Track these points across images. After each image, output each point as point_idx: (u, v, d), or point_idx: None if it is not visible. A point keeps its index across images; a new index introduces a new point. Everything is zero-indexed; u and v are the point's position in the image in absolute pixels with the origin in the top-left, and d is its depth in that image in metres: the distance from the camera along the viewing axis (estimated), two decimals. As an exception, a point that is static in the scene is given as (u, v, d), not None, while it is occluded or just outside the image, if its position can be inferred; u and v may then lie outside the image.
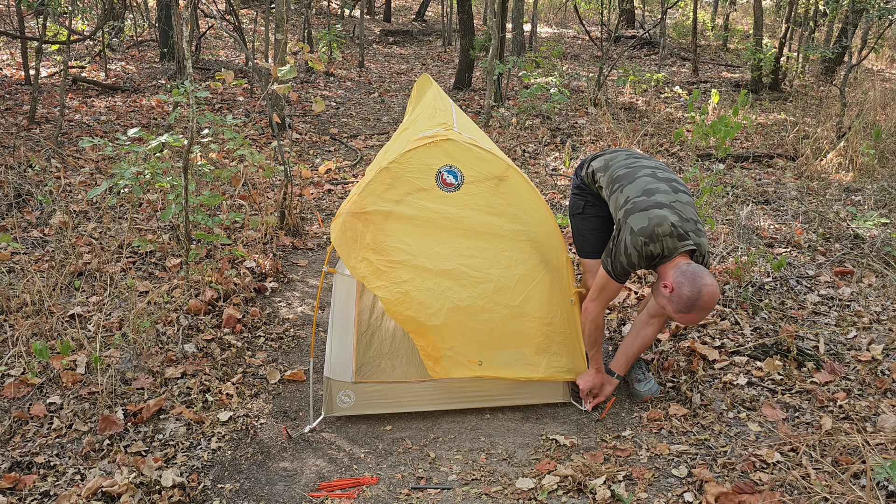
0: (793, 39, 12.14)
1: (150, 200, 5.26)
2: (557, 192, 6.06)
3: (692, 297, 2.62)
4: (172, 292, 3.95)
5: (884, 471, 2.45)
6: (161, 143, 3.87)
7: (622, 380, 3.26)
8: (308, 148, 7.44)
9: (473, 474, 2.75)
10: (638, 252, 2.73)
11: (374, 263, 2.85)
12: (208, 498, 2.61)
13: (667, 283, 2.71)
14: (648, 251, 2.73)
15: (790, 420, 3.01)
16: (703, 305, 2.63)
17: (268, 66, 4.12)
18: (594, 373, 3.13)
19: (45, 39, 7.55)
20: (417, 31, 16.29)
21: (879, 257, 4.60)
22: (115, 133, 6.81)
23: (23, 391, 3.11)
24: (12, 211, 4.90)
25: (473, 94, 10.26)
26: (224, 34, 13.42)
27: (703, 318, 2.82)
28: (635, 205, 2.80)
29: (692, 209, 2.84)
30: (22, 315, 3.61)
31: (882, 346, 3.50)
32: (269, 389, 3.32)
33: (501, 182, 2.93)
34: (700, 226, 2.81)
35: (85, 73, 9.98)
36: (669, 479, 2.70)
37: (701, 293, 2.61)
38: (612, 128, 7.94)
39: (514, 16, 11.98)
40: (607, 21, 14.37)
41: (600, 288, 2.96)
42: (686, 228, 2.74)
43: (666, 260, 2.74)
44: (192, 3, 4.25)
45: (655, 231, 2.70)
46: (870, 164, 6.62)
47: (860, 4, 8.19)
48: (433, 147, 2.88)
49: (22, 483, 2.60)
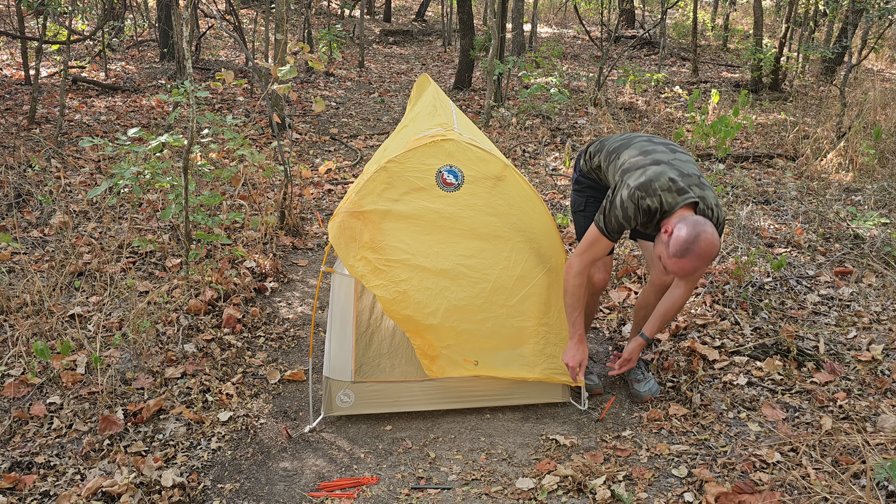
0: (793, 39, 12.14)
1: (150, 200, 5.26)
2: (557, 192, 6.06)
3: (689, 239, 2.50)
4: (172, 292, 3.95)
5: (884, 471, 2.45)
6: (161, 143, 3.87)
7: (649, 342, 3.10)
8: (308, 148, 7.44)
9: (473, 474, 2.75)
10: (634, 205, 2.63)
11: (373, 262, 2.85)
12: (208, 498, 2.61)
13: (667, 228, 2.60)
14: (645, 205, 2.63)
15: (790, 420, 3.01)
16: (699, 252, 2.50)
17: (268, 66, 4.12)
18: (576, 344, 2.95)
19: (45, 39, 7.55)
20: (417, 31, 16.29)
21: (879, 257, 4.60)
22: (115, 133, 6.81)
23: (23, 391, 3.11)
24: (12, 211, 4.90)
25: (473, 94, 10.26)
26: (224, 34, 13.42)
27: (698, 271, 2.63)
28: (632, 164, 2.73)
29: (693, 166, 2.75)
30: (22, 315, 3.61)
31: (882, 346, 3.50)
32: (269, 389, 3.32)
33: (499, 182, 2.93)
34: (704, 180, 2.70)
35: (85, 73, 9.98)
36: (669, 479, 2.70)
37: (699, 238, 2.50)
38: (612, 128, 7.94)
39: (514, 16, 11.98)
40: (607, 21, 14.37)
41: (589, 243, 2.81)
42: (687, 182, 2.64)
43: (667, 215, 2.64)
44: (192, 3, 4.25)
45: (652, 185, 2.62)
46: (870, 164, 6.62)
47: (860, 4, 8.19)
48: (434, 147, 2.88)
49: (22, 483, 2.60)
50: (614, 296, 4.20)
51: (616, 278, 4.45)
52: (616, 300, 4.16)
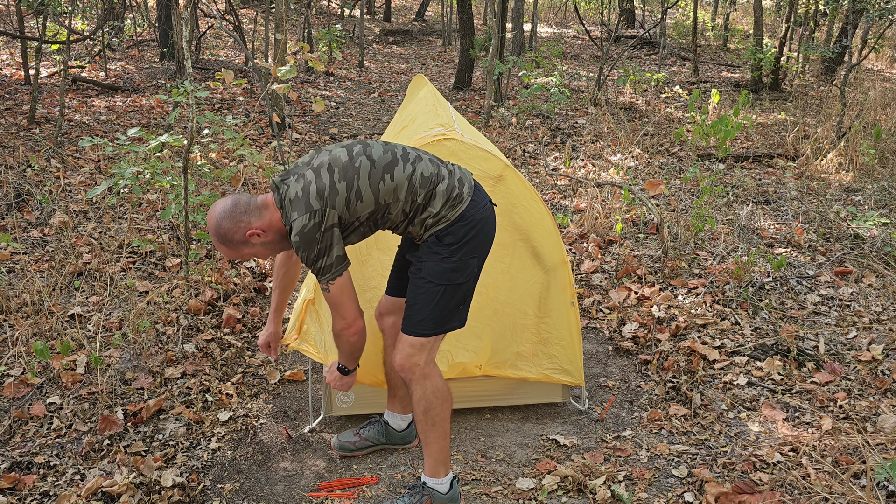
0: (793, 39, 12.13)
1: (150, 200, 5.26)
2: (557, 193, 6.06)
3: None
4: (172, 292, 3.95)
5: (884, 471, 2.45)
6: (161, 143, 3.86)
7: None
8: (308, 148, 7.43)
9: (473, 474, 2.75)
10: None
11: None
12: (208, 498, 2.61)
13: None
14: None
15: (790, 420, 3.01)
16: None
17: (268, 66, 4.12)
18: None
19: (45, 39, 7.55)
20: (417, 31, 16.29)
21: (879, 257, 4.60)
22: (114, 133, 6.81)
23: (23, 391, 3.11)
24: (12, 211, 4.90)
25: (473, 94, 10.25)
26: (224, 34, 13.42)
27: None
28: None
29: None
30: (22, 315, 3.61)
31: (882, 346, 3.50)
32: (268, 389, 3.32)
33: (500, 181, 2.93)
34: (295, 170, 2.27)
35: (85, 73, 9.98)
36: (669, 479, 2.70)
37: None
38: (612, 128, 7.94)
39: (514, 16, 11.97)
40: (607, 21, 14.37)
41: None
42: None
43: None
44: (192, 3, 4.25)
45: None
46: (870, 164, 6.62)
47: (860, 4, 8.18)
48: (437, 146, 2.87)
49: (22, 483, 2.60)
50: (614, 296, 4.20)
51: (616, 278, 4.45)
52: (616, 300, 4.16)
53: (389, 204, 2.23)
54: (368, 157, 2.22)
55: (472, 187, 2.33)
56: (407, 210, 2.25)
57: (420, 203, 2.24)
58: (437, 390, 2.37)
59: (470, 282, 2.36)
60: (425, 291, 2.30)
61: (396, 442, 2.86)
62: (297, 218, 2.13)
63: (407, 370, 2.34)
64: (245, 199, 2.23)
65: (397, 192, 2.22)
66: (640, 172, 6.57)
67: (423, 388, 2.35)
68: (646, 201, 5.17)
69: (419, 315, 2.32)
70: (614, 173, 6.41)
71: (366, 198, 2.20)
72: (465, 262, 2.30)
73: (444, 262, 2.27)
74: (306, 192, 2.15)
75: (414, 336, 2.33)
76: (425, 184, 2.24)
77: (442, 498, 2.46)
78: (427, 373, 2.35)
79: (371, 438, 2.85)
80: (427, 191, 2.24)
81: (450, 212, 2.25)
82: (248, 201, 2.23)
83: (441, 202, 2.25)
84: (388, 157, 2.24)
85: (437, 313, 2.31)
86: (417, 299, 2.33)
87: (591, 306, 4.12)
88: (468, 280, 2.34)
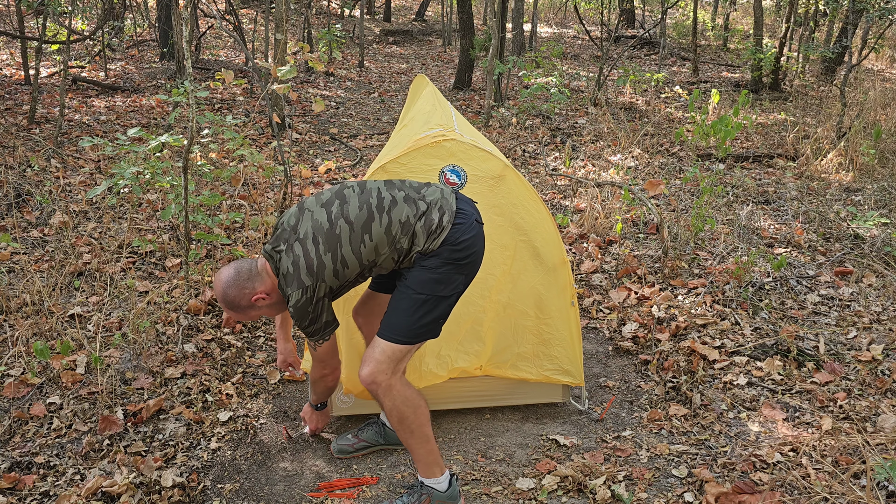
0: (793, 39, 12.13)
1: (150, 200, 5.26)
2: (557, 193, 6.06)
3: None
4: (172, 292, 3.95)
5: (884, 471, 2.45)
6: (161, 143, 3.86)
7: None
8: (308, 148, 7.43)
9: (473, 474, 2.75)
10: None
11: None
12: (208, 498, 2.61)
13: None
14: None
15: (790, 420, 3.01)
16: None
17: (268, 66, 4.12)
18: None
19: (45, 39, 7.55)
20: (417, 31, 16.29)
21: (879, 257, 4.60)
22: (114, 133, 6.81)
23: (23, 391, 3.11)
24: (12, 211, 4.90)
25: (473, 94, 10.25)
26: (224, 34, 13.42)
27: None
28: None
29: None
30: (22, 315, 3.61)
31: (882, 346, 3.50)
32: (268, 389, 3.32)
33: (500, 181, 2.93)
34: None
35: (85, 73, 9.98)
36: (669, 479, 2.70)
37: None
38: (612, 128, 7.94)
39: (514, 16, 11.97)
40: (607, 21, 14.37)
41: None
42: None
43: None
44: (192, 3, 4.25)
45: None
46: (870, 164, 6.62)
47: (860, 4, 8.18)
48: (436, 147, 2.87)
49: (22, 483, 2.60)
50: (614, 296, 4.20)
51: (616, 278, 4.45)
52: (616, 300, 4.16)
53: (374, 261, 2.33)
54: (346, 218, 2.30)
55: (452, 213, 2.36)
56: (395, 257, 2.35)
57: (405, 248, 2.33)
58: (406, 399, 2.40)
59: (453, 297, 2.40)
60: (407, 298, 2.36)
61: (394, 442, 2.87)
62: (292, 293, 2.28)
63: (371, 384, 2.37)
64: (247, 266, 2.38)
65: (378, 248, 2.31)
66: (640, 172, 6.57)
67: (391, 400, 2.38)
68: (646, 201, 5.17)
69: (397, 321, 2.37)
70: (614, 173, 6.42)
71: (351, 264, 2.31)
72: (450, 277, 2.36)
73: (430, 273, 2.33)
74: (297, 266, 2.27)
75: (387, 342, 2.36)
76: (405, 229, 2.31)
77: (441, 496, 2.47)
78: (391, 384, 2.37)
79: (369, 439, 2.87)
80: (408, 235, 2.32)
81: (432, 243, 2.32)
82: (250, 268, 2.37)
83: (423, 238, 2.32)
84: (364, 213, 2.31)
85: (415, 322, 2.35)
86: (399, 304, 2.38)
87: (591, 306, 4.12)
88: (452, 295, 2.39)
